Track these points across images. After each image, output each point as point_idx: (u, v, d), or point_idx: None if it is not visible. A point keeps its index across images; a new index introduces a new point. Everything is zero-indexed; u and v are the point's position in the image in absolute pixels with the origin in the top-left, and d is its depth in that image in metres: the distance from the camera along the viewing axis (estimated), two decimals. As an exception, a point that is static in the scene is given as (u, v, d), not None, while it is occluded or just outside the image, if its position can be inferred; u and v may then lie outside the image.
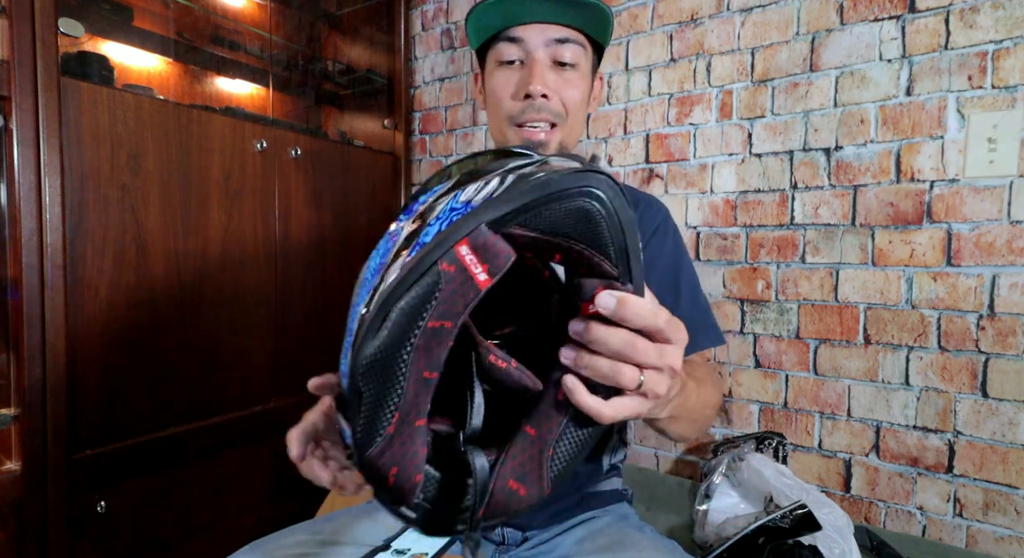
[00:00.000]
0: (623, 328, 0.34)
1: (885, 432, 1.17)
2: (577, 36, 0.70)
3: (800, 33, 1.24)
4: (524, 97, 0.70)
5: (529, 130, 0.71)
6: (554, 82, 0.70)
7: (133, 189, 1.16)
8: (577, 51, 0.71)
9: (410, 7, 1.85)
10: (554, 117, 0.71)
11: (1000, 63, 1.05)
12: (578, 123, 0.75)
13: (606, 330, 0.34)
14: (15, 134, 0.99)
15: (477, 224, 0.32)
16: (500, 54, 0.72)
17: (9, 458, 1.03)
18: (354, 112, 1.93)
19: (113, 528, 1.13)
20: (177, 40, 1.48)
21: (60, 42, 1.04)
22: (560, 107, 0.71)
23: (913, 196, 1.13)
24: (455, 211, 0.34)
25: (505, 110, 0.72)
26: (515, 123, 0.72)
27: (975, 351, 1.08)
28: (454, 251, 0.31)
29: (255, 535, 0.69)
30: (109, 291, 1.13)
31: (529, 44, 0.69)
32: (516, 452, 0.37)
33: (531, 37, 0.69)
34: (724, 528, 1.08)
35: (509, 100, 0.71)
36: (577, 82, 0.72)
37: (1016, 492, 1.05)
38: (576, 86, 0.72)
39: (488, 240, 0.32)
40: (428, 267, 0.31)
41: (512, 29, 0.70)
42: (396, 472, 0.34)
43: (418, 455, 0.35)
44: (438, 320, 0.32)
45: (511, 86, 0.71)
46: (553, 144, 0.72)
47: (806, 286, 1.24)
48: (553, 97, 0.70)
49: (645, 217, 0.78)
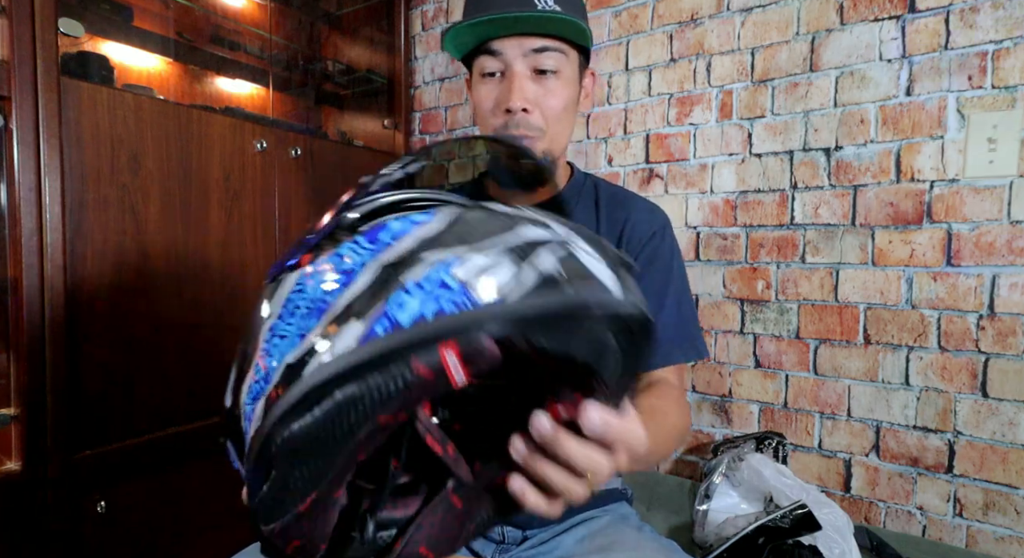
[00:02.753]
0: (591, 443, 0.32)
1: (885, 432, 1.17)
2: (556, 44, 0.70)
3: (800, 33, 1.24)
4: (505, 112, 0.71)
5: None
6: (534, 93, 0.71)
7: (133, 189, 1.16)
8: (558, 58, 0.71)
9: (410, 7, 1.85)
10: (533, 131, 0.72)
11: (1000, 63, 1.05)
12: (563, 129, 0.75)
13: (578, 447, 0.32)
14: (15, 134, 0.99)
15: (478, 332, 0.26)
16: (482, 66, 0.73)
17: (9, 458, 1.03)
18: (354, 112, 1.93)
19: (113, 528, 1.13)
20: (177, 40, 1.48)
21: (60, 42, 1.04)
22: (540, 120, 0.72)
23: (913, 196, 1.13)
24: (449, 294, 0.27)
25: (490, 124, 0.74)
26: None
27: (975, 351, 1.08)
28: (438, 354, 0.26)
29: (255, 535, 0.69)
30: (109, 291, 1.13)
31: (507, 56, 0.70)
32: (434, 520, 0.35)
33: (509, 49, 0.70)
34: (724, 528, 1.08)
35: (491, 115, 0.73)
36: (559, 90, 0.72)
37: (1016, 492, 1.05)
38: (557, 94, 0.72)
39: (481, 347, 0.27)
40: (398, 361, 0.26)
41: (491, 42, 0.71)
42: (298, 545, 0.31)
43: (328, 524, 0.32)
44: (392, 414, 0.27)
45: (492, 100, 0.73)
46: (536, 152, 0.73)
47: (806, 286, 1.24)
48: (534, 111, 0.71)
49: (644, 222, 0.78)
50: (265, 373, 0.29)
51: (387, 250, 0.30)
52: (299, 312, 0.30)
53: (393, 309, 0.27)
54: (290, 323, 0.30)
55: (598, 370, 0.30)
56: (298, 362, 0.27)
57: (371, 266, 0.30)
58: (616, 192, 0.83)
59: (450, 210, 0.33)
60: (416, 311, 0.26)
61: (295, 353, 0.28)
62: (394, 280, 0.28)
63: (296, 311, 0.30)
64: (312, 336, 0.28)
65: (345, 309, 0.28)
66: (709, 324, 1.36)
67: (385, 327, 0.26)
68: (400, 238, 0.31)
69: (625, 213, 0.78)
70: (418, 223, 0.32)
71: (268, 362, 0.30)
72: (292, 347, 0.29)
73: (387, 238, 0.31)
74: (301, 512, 0.29)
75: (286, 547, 0.31)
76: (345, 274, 0.30)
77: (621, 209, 0.79)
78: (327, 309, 0.29)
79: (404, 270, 0.28)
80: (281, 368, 0.28)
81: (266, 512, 0.29)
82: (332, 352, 0.26)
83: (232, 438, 0.33)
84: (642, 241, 0.76)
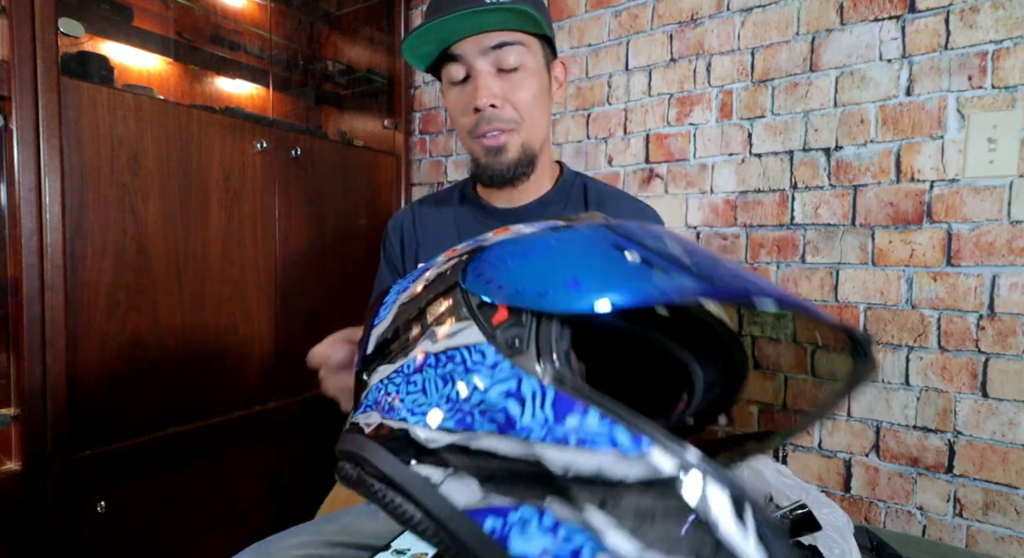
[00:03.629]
0: None
1: (885, 432, 1.17)
2: (515, 36, 0.70)
3: (800, 33, 1.24)
4: (474, 111, 0.71)
5: (488, 139, 0.73)
6: (501, 88, 0.71)
7: (133, 189, 1.16)
8: (519, 52, 0.70)
9: (410, 7, 1.85)
10: (507, 124, 0.72)
11: (1000, 63, 1.05)
12: (539, 120, 0.75)
13: None
14: (15, 134, 0.99)
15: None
16: (448, 75, 0.73)
17: (9, 458, 1.03)
18: (354, 112, 1.93)
19: (113, 528, 1.13)
20: (177, 40, 1.48)
21: (60, 42, 1.04)
22: (512, 112, 0.72)
23: (913, 196, 1.13)
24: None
25: (463, 125, 0.74)
26: (474, 136, 0.74)
27: (975, 351, 1.08)
28: None
29: (255, 535, 0.69)
30: (109, 291, 1.13)
31: (468, 57, 0.70)
32: None
33: (468, 51, 0.70)
34: (724, 528, 1.08)
35: (463, 117, 0.73)
36: (526, 82, 0.72)
37: (1016, 492, 1.05)
38: (525, 87, 0.72)
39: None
40: None
41: (450, 48, 0.70)
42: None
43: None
44: None
45: (462, 104, 0.73)
46: (513, 146, 0.73)
47: (806, 286, 1.24)
48: (503, 105, 0.71)
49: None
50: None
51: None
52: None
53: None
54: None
55: None
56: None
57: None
58: (604, 190, 0.83)
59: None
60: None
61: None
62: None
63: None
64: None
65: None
66: (709, 324, 1.36)
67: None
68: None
69: (613, 213, 0.78)
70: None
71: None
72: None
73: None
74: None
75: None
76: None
77: (609, 209, 0.78)
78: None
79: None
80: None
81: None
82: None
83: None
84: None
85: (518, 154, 0.74)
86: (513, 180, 0.76)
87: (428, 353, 0.32)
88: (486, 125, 0.71)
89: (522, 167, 0.75)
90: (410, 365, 0.33)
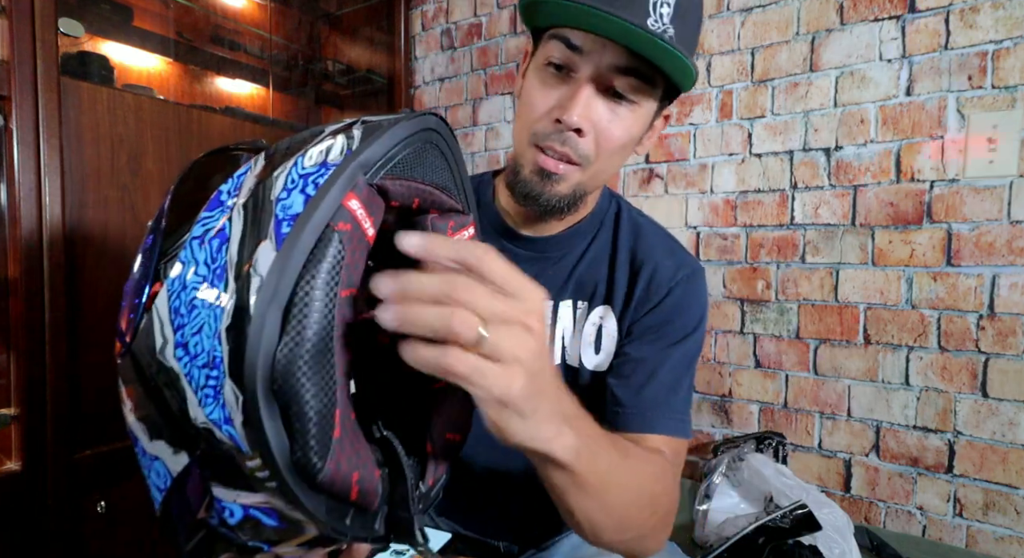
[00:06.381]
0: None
1: (885, 432, 1.17)
2: (649, 71, 0.54)
3: (800, 33, 1.24)
4: (555, 121, 0.56)
5: (547, 158, 0.58)
6: (597, 114, 0.56)
7: (133, 189, 1.16)
8: (640, 86, 0.55)
9: (410, 7, 1.85)
10: (578, 158, 0.57)
11: (1000, 63, 1.05)
12: (610, 166, 0.61)
13: (417, 274, 0.30)
14: (15, 134, 0.99)
15: (354, 177, 0.29)
16: (549, 53, 0.57)
17: (9, 458, 1.03)
18: (354, 112, 1.93)
19: (113, 528, 1.13)
20: (177, 40, 1.48)
21: (60, 42, 1.04)
22: (591, 148, 0.57)
23: (913, 196, 1.13)
24: (314, 174, 0.30)
25: (529, 122, 0.60)
26: (534, 142, 0.59)
27: (975, 351, 1.08)
28: (345, 208, 0.29)
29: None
30: (109, 291, 1.13)
31: (588, 60, 0.55)
32: (444, 408, 0.37)
33: (591, 52, 0.54)
34: (724, 528, 1.08)
35: (537, 116, 0.58)
36: (628, 121, 0.58)
37: (1016, 492, 1.05)
38: (625, 126, 0.58)
39: (368, 192, 0.30)
40: (324, 229, 0.28)
41: (576, 31, 0.54)
42: (359, 477, 0.30)
43: (367, 449, 0.32)
44: (346, 289, 0.29)
45: (547, 100, 0.58)
46: (568, 182, 0.59)
47: (806, 286, 1.24)
48: (588, 134, 0.56)
49: (667, 269, 0.66)
50: (210, 360, 0.28)
51: (238, 196, 0.31)
52: (197, 297, 0.30)
53: (283, 212, 0.29)
54: (216, 252, 0.30)
55: (443, 176, 0.36)
56: (235, 315, 0.27)
57: (234, 214, 0.30)
58: (640, 222, 0.70)
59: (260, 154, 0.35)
60: (301, 200, 0.29)
61: (225, 318, 0.28)
62: (264, 200, 0.30)
63: (193, 302, 0.30)
64: (229, 290, 0.28)
65: (240, 249, 0.29)
66: (709, 324, 1.36)
67: (289, 223, 0.28)
68: (240, 185, 0.32)
69: (643, 247, 0.67)
70: (243, 172, 0.33)
71: (206, 347, 0.28)
72: (216, 319, 0.28)
73: (226, 198, 0.32)
74: (339, 438, 0.29)
75: (351, 486, 0.30)
76: (215, 239, 0.30)
77: (640, 244, 0.67)
78: (224, 266, 0.29)
79: (265, 192, 0.30)
80: (222, 335, 0.28)
81: (320, 448, 0.28)
82: (260, 275, 0.27)
83: (214, 460, 0.30)
84: (660, 291, 0.64)
85: (568, 192, 0.60)
86: (545, 215, 0.63)
87: None
88: (557, 144, 0.57)
89: (563, 205, 0.60)
90: None
